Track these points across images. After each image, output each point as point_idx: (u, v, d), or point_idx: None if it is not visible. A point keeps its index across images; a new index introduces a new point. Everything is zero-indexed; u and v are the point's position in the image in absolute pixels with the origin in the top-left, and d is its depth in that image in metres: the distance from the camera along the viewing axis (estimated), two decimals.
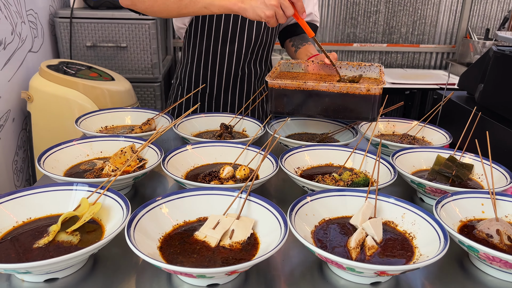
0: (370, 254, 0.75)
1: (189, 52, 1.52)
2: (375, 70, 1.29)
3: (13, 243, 0.74)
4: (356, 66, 1.31)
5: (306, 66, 1.32)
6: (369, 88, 1.09)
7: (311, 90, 1.12)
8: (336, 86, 1.10)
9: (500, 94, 1.21)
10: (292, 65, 1.33)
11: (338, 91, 1.11)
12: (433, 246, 0.74)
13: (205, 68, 1.51)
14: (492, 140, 1.18)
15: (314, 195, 0.86)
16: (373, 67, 1.30)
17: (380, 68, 1.28)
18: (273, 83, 1.13)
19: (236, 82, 1.54)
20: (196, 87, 1.55)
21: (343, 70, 1.30)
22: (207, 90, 1.55)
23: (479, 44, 2.85)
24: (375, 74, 1.29)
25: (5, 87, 1.84)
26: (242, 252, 0.74)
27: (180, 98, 1.58)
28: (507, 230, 0.81)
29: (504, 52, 1.22)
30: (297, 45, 1.54)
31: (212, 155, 1.13)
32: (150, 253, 0.70)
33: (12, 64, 1.89)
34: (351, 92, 1.10)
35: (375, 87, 1.09)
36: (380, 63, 3.27)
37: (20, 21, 1.97)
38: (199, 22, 1.43)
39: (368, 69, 1.30)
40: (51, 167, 1.00)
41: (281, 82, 1.13)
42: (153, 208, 0.80)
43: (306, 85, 1.11)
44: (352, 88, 1.10)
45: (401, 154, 1.13)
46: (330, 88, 1.11)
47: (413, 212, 0.83)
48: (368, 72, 1.30)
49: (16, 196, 0.82)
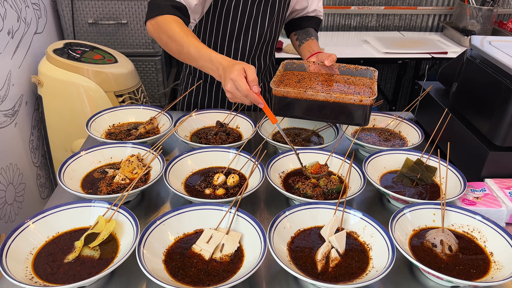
0: (333, 266, 0.93)
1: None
2: (369, 74, 1.42)
3: (47, 258, 0.93)
4: (353, 69, 1.44)
5: (308, 66, 1.45)
6: (362, 99, 1.23)
7: (310, 98, 1.25)
8: (332, 96, 1.24)
9: (468, 99, 1.33)
10: (295, 65, 1.46)
11: (334, 101, 1.24)
12: (384, 258, 0.92)
13: None
14: (458, 141, 1.32)
15: (291, 209, 1.04)
16: (368, 71, 1.43)
17: (375, 73, 1.41)
18: (276, 91, 1.27)
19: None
20: (206, 76, 1.68)
21: (341, 71, 1.44)
22: (215, 81, 1.68)
23: (475, 9, 2.87)
24: (369, 76, 1.42)
25: (17, 73, 1.97)
26: (230, 264, 0.93)
27: (191, 86, 1.72)
28: (449, 241, 0.99)
29: (475, 61, 1.33)
30: (301, 39, 1.65)
31: (208, 160, 1.29)
32: (156, 268, 0.89)
33: (20, 50, 2.00)
34: (346, 102, 1.24)
35: (367, 99, 1.23)
36: (377, 25, 3.30)
37: (24, 6, 2.05)
38: (209, 19, 1.53)
39: (364, 72, 1.43)
40: (70, 178, 1.17)
41: (284, 90, 1.26)
42: (157, 226, 0.98)
43: (306, 94, 1.25)
44: (346, 99, 1.24)
45: (374, 157, 1.28)
46: (327, 98, 1.24)
47: (372, 226, 1.00)
48: (364, 74, 1.43)
49: (46, 215, 1.00)
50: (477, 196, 1.14)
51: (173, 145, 1.48)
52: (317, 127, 1.51)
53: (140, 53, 2.54)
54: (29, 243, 0.95)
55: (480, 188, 1.17)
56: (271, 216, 1.15)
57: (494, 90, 1.18)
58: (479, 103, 1.26)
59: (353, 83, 1.37)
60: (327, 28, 3.28)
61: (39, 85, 2.03)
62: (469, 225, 1.04)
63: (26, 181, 2.06)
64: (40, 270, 0.90)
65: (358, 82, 1.38)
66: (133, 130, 1.44)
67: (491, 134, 1.18)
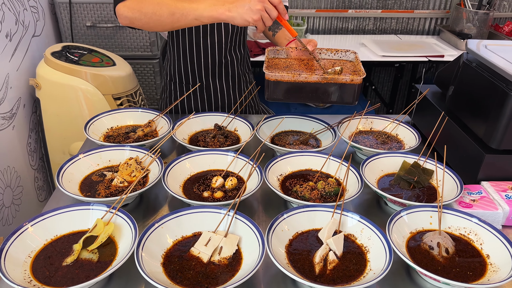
0: (330, 268, 0.93)
1: (175, 49, 1.66)
2: (350, 56, 1.49)
3: (46, 261, 0.93)
4: (334, 52, 1.50)
5: (290, 52, 1.49)
6: (353, 79, 1.28)
7: (303, 81, 1.28)
8: (325, 78, 1.28)
9: (465, 102, 1.34)
10: (278, 52, 1.50)
11: (327, 82, 1.29)
12: (381, 260, 0.93)
13: (191, 62, 1.66)
14: (455, 144, 1.33)
15: (289, 212, 1.04)
16: (348, 53, 1.49)
17: (356, 54, 1.48)
18: (270, 76, 1.29)
19: (221, 70, 1.70)
20: (186, 80, 1.70)
21: (322, 55, 1.50)
22: (197, 82, 1.69)
23: (471, 13, 2.89)
24: (351, 58, 1.49)
25: (15, 76, 1.97)
26: (228, 267, 0.93)
27: (175, 93, 1.74)
28: (446, 243, 1.00)
29: (471, 64, 1.34)
30: (273, 29, 1.69)
31: (206, 163, 1.29)
32: (155, 271, 0.89)
33: (18, 53, 2.01)
34: (338, 82, 1.29)
35: (357, 78, 1.29)
36: (374, 29, 3.32)
37: (23, 9, 2.05)
38: None
39: (344, 54, 1.50)
40: (68, 180, 1.17)
41: (278, 74, 1.29)
42: (156, 228, 0.98)
43: (300, 77, 1.28)
44: (338, 79, 1.28)
45: (372, 160, 1.29)
46: (320, 79, 1.28)
47: (369, 228, 1.01)
48: (344, 57, 1.50)
49: (44, 218, 1.00)
50: (473, 198, 1.15)
51: (171, 148, 1.48)
52: (314, 129, 1.52)
53: (138, 56, 2.55)
54: (28, 246, 0.95)
55: (476, 191, 1.18)
56: (269, 218, 1.15)
57: (490, 93, 1.19)
58: (476, 106, 1.27)
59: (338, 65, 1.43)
60: (325, 31, 3.30)
61: (37, 88, 2.03)
62: (466, 228, 1.05)
63: (23, 183, 2.06)
64: (38, 273, 0.90)
65: (343, 66, 1.43)
66: (131, 133, 1.45)
67: (488, 137, 1.19)
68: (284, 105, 2.86)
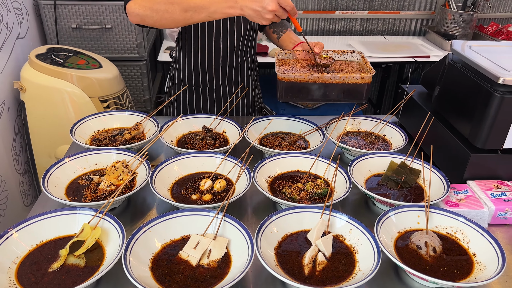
0: (320, 269, 0.93)
1: (184, 51, 1.65)
2: (356, 57, 1.49)
3: (31, 267, 0.92)
4: (340, 53, 1.50)
5: (297, 55, 1.50)
6: (363, 77, 1.29)
7: (315, 80, 1.30)
8: (336, 77, 1.29)
9: (450, 103, 1.35)
10: (286, 54, 1.50)
11: (338, 81, 1.30)
12: (370, 260, 0.93)
13: (202, 64, 1.65)
14: (441, 144, 1.35)
15: (278, 214, 1.04)
16: (354, 54, 1.50)
17: (362, 55, 1.48)
18: (283, 77, 1.30)
19: (231, 73, 1.70)
20: (196, 83, 1.70)
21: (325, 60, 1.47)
22: (208, 85, 1.70)
23: (456, 14, 2.93)
24: (357, 59, 1.49)
25: None
26: (217, 270, 0.92)
27: (183, 95, 1.73)
28: (433, 242, 1.00)
29: (456, 65, 1.35)
30: (278, 32, 1.68)
31: (194, 165, 1.28)
32: (143, 275, 0.88)
33: (2, 55, 1.97)
34: (349, 81, 1.30)
35: (368, 76, 1.30)
36: (361, 30, 3.34)
37: (6, 11, 2.02)
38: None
39: (350, 55, 1.50)
40: (54, 185, 1.16)
41: (291, 75, 1.30)
42: (144, 232, 0.97)
43: (312, 77, 1.29)
44: (349, 78, 1.29)
45: (359, 161, 1.29)
46: (332, 79, 1.29)
47: (358, 229, 1.01)
48: (350, 58, 1.50)
49: (30, 223, 0.99)
50: (460, 198, 1.16)
51: (159, 151, 1.47)
52: (303, 131, 1.52)
53: (125, 58, 2.53)
54: (13, 252, 0.94)
55: (462, 190, 1.19)
56: (258, 220, 1.15)
57: (475, 93, 1.21)
58: (461, 107, 1.28)
59: (344, 66, 1.44)
60: (312, 33, 3.31)
61: (21, 90, 2.00)
62: (453, 227, 1.06)
63: (8, 188, 2.02)
64: (24, 280, 0.88)
65: (349, 66, 1.44)
66: (118, 136, 1.43)
67: (473, 137, 1.20)
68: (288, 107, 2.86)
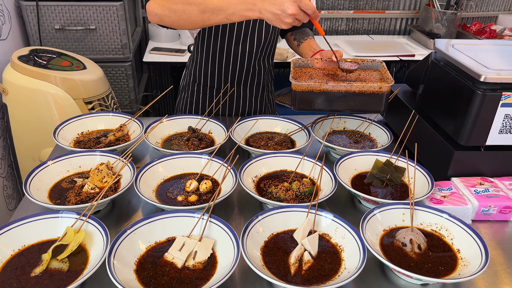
0: (306, 268, 0.93)
1: (203, 51, 1.64)
2: (377, 65, 1.46)
3: (14, 273, 0.90)
4: (360, 62, 1.47)
5: (315, 63, 1.48)
6: (381, 86, 1.27)
7: (331, 90, 1.28)
8: (353, 86, 1.27)
9: (434, 101, 1.36)
10: (303, 63, 1.48)
11: (354, 91, 1.27)
12: (356, 258, 0.93)
13: (220, 66, 1.65)
14: (425, 142, 1.36)
15: (264, 214, 1.04)
16: (375, 63, 1.47)
17: (382, 64, 1.46)
18: (297, 85, 1.28)
19: (248, 78, 1.70)
20: (211, 83, 1.69)
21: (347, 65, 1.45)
22: (222, 86, 1.69)
23: (439, 13, 2.96)
24: (377, 68, 1.47)
25: None
26: (203, 272, 0.92)
27: (197, 94, 1.73)
28: (418, 239, 1.01)
29: (439, 63, 1.37)
30: (299, 39, 1.68)
31: (179, 166, 1.27)
32: (128, 278, 0.87)
33: None
34: (366, 91, 1.28)
35: (386, 85, 1.27)
36: (347, 29, 3.36)
37: None
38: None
39: (371, 64, 1.47)
40: (36, 188, 1.14)
41: (306, 84, 1.27)
42: (128, 235, 0.96)
43: (327, 86, 1.27)
44: (366, 87, 1.27)
45: (345, 159, 1.30)
46: (348, 88, 1.27)
47: (343, 227, 1.01)
48: (370, 66, 1.47)
49: (11, 227, 0.97)
50: (444, 195, 1.17)
51: (144, 152, 1.46)
52: (289, 130, 1.52)
53: (110, 59, 2.51)
54: None
55: (447, 187, 1.20)
56: (245, 220, 1.15)
57: (457, 91, 1.22)
58: (444, 104, 1.29)
59: (364, 75, 1.41)
60: None
61: (3, 93, 1.97)
62: (437, 224, 1.06)
63: None
64: (6, 286, 0.87)
65: (368, 74, 1.42)
66: (103, 138, 1.42)
67: (456, 134, 1.21)
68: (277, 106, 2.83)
